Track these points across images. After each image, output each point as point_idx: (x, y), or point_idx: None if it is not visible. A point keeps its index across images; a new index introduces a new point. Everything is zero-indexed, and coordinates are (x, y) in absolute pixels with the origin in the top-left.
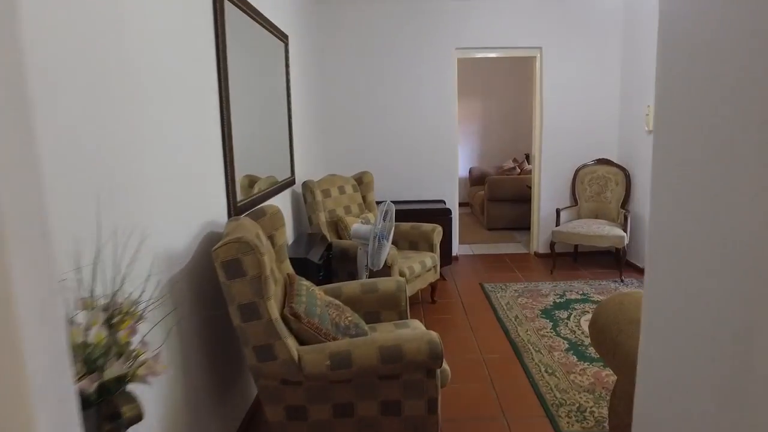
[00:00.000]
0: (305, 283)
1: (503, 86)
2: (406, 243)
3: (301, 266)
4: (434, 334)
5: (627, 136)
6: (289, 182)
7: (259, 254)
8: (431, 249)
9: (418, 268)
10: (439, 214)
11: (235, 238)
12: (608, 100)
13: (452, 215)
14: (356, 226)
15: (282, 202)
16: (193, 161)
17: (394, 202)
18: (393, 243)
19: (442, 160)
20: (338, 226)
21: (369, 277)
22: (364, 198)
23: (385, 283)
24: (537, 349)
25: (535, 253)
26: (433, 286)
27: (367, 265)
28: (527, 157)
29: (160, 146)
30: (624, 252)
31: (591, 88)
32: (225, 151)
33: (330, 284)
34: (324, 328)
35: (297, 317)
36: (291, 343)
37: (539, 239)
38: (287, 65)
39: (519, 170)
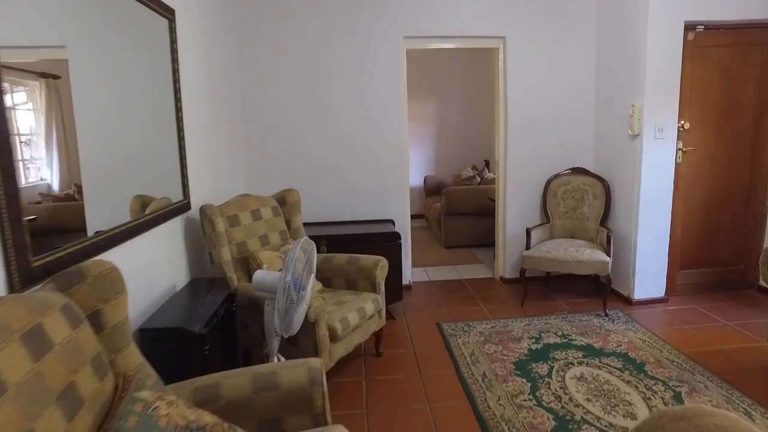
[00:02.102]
0: (143, 395)
1: (461, 83)
2: (342, 281)
3: (176, 340)
4: None
5: (605, 141)
6: (180, 207)
7: None
8: (374, 288)
9: (356, 318)
10: (386, 240)
11: None
12: (582, 98)
13: (402, 240)
14: (260, 273)
15: (167, 236)
16: None
17: (332, 224)
18: (326, 281)
19: (389, 171)
20: (249, 265)
21: (281, 345)
22: (288, 223)
23: (290, 374)
24: (514, 430)
25: (501, 278)
26: (378, 335)
27: (276, 331)
28: (487, 163)
29: None
30: (608, 280)
31: (562, 84)
32: None
33: (202, 379)
34: None
35: None
36: None
37: (506, 262)
38: (174, 50)
39: (479, 179)
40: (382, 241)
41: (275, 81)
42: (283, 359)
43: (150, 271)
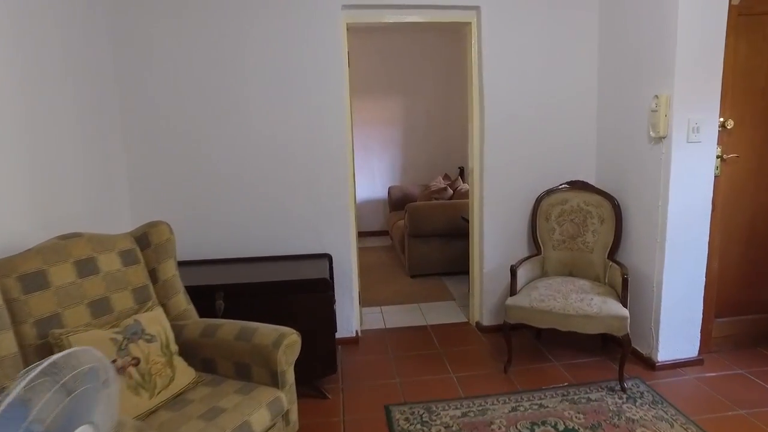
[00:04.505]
0: None
1: (432, 77)
2: (229, 366)
3: None
4: None
5: (615, 145)
6: None
7: None
8: (275, 381)
9: None
10: (311, 290)
11: None
12: (583, 88)
13: (340, 286)
14: None
15: None
16: None
17: (240, 263)
18: (207, 364)
19: (327, 189)
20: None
21: None
22: (153, 274)
23: None
24: None
25: (477, 324)
26: None
27: None
28: (462, 171)
29: None
30: (627, 341)
31: (556, 69)
32: None
33: None
34: None
35: None
36: None
37: (483, 305)
38: None
39: (451, 191)
40: (305, 290)
41: (168, 69)
42: None
43: None
